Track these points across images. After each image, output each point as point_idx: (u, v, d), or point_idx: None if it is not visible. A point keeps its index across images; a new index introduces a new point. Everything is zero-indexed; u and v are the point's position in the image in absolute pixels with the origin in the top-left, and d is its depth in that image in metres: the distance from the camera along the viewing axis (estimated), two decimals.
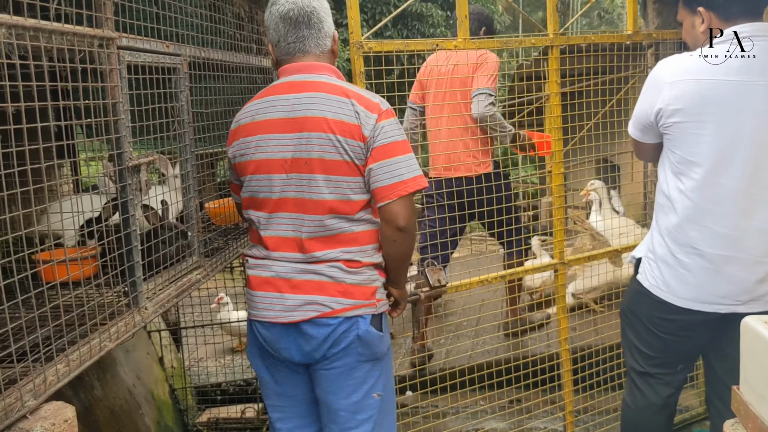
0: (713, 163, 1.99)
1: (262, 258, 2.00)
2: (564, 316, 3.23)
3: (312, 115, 1.88)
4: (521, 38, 3.19)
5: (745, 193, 2.00)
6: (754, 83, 1.96)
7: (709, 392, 2.39)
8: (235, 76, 2.85)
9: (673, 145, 2.07)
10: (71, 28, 1.62)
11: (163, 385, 3.70)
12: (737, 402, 1.65)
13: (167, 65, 2.19)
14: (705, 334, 2.21)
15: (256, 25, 3.19)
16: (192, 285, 2.28)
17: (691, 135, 2.00)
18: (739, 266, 2.05)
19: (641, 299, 2.27)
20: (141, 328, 1.95)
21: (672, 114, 2.02)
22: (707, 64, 1.99)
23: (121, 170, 1.86)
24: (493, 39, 3.18)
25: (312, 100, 1.90)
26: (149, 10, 2.09)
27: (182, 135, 2.29)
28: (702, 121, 1.98)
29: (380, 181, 1.88)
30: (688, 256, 2.09)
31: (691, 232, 2.07)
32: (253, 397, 4.10)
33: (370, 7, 12.22)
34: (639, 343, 2.33)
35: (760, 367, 1.57)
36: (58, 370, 1.53)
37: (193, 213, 2.35)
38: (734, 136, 1.97)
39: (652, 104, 2.07)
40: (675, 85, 2.00)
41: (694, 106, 1.98)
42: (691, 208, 2.06)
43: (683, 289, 2.12)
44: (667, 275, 2.16)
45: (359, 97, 1.91)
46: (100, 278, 1.85)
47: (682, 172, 2.07)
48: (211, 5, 2.62)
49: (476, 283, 3.02)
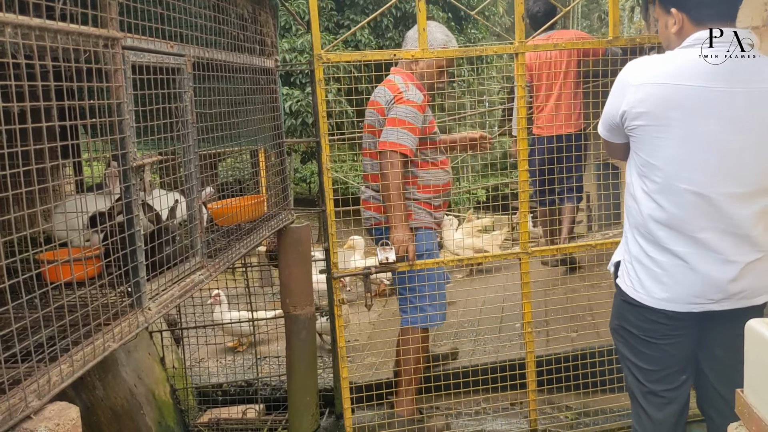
0: (675, 167, 1.99)
1: None
2: (528, 301, 3.31)
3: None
4: (484, 47, 3.28)
5: (705, 197, 1.98)
6: (720, 89, 1.94)
7: (700, 399, 2.33)
8: (238, 77, 2.85)
9: (637, 147, 2.08)
10: (76, 28, 1.62)
11: (164, 386, 3.69)
12: (741, 405, 1.65)
13: (171, 65, 2.19)
14: (693, 332, 2.18)
15: (259, 26, 3.19)
16: (195, 285, 2.27)
17: (654, 138, 2.00)
18: (712, 265, 2.03)
19: (624, 308, 2.24)
20: (144, 328, 1.95)
21: (636, 117, 2.01)
22: (674, 67, 1.98)
23: (125, 170, 1.86)
24: (455, 49, 3.25)
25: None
26: (153, 11, 2.08)
27: (186, 135, 2.29)
28: (665, 125, 1.97)
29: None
30: (661, 254, 2.08)
31: (658, 232, 2.07)
32: (254, 397, 4.09)
33: (372, 9, 12.22)
34: (635, 357, 2.26)
35: (764, 370, 1.57)
36: (62, 370, 1.53)
37: (196, 214, 2.35)
38: (697, 142, 1.96)
39: (617, 106, 2.07)
40: (640, 88, 1.99)
41: (658, 110, 1.97)
42: (656, 209, 2.05)
43: (656, 288, 2.10)
44: (642, 275, 2.14)
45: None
46: (104, 278, 1.84)
47: (645, 175, 2.07)
48: (215, 6, 2.62)
49: (431, 264, 3.18)
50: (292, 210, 3.63)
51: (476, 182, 11.09)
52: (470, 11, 3.66)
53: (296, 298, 3.44)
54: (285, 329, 3.55)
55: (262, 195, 3.42)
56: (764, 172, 1.99)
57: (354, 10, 12.22)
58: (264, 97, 3.23)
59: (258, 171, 3.85)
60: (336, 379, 3.78)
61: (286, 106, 11.04)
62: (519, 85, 3.11)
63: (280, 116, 3.44)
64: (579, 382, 3.53)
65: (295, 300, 3.44)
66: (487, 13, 14.98)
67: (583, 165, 4.39)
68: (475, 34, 14.32)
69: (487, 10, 14.79)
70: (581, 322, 4.04)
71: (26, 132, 1.41)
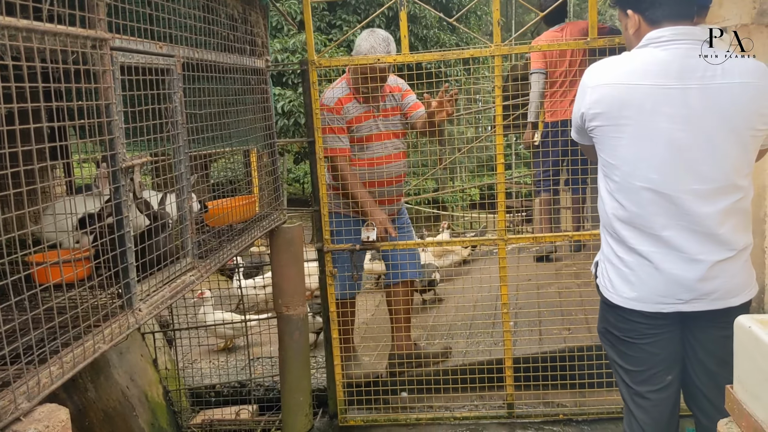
0: (630, 166, 2.01)
1: None
2: (504, 284, 3.50)
3: None
4: (461, 50, 3.42)
5: (666, 196, 1.98)
6: (670, 86, 1.94)
7: (687, 397, 2.31)
8: (228, 77, 2.85)
9: (598, 147, 2.12)
10: (64, 29, 1.61)
11: (157, 387, 3.69)
12: (731, 401, 1.65)
13: (161, 66, 2.18)
14: (674, 333, 2.16)
15: (250, 26, 3.18)
16: (186, 286, 2.27)
17: (611, 138, 2.03)
18: (676, 264, 2.02)
19: (604, 309, 2.26)
20: (135, 329, 1.94)
21: (593, 118, 2.06)
22: (628, 68, 2.01)
23: (114, 171, 1.86)
24: (434, 52, 3.52)
25: None
26: (142, 11, 2.08)
27: (176, 136, 2.29)
28: (620, 125, 2.00)
29: None
30: (627, 254, 2.09)
31: (622, 232, 2.08)
32: (247, 398, 4.09)
33: (364, 8, 12.23)
34: (620, 359, 2.26)
35: (753, 366, 1.57)
36: (51, 372, 1.52)
37: (186, 215, 2.35)
38: (650, 140, 1.97)
39: (578, 108, 2.11)
40: (596, 89, 2.04)
41: (612, 111, 2.00)
42: (618, 209, 2.08)
43: (624, 288, 2.11)
44: (612, 274, 2.16)
45: None
46: (94, 280, 1.84)
47: (607, 174, 2.11)
48: (205, 6, 2.61)
49: (413, 245, 3.74)
50: (284, 210, 3.63)
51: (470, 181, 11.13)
52: (449, 19, 3.80)
53: (289, 298, 3.44)
54: (278, 330, 3.55)
55: (254, 195, 3.42)
56: (724, 168, 1.97)
57: (346, 9, 12.23)
58: (255, 98, 3.23)
59: (250, 171, 3.85)
60: (330, 378, 3.79)
61: (279, 107, 11.03)
62: (496, 85, 3.32)
63: (272, 116, 3.44)
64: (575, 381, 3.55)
65: (287, 300, 3.44)
66: (479, 12, 15.00)
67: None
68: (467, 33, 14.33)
69: (479, 9, 14.81)
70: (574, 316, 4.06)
71: (14, 133, 1.41)
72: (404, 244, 3.66)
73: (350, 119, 3.61)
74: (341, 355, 3.71)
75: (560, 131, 4.80)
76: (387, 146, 3.70)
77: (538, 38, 5.18)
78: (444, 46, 13.19)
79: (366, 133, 3.64)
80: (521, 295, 4.57)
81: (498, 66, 3.29)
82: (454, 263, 5.69)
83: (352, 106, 3.62)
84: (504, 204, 3.45)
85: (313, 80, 3.42)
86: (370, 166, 3.62)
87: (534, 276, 4.76)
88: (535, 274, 4.81)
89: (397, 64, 3.45)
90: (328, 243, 3.59)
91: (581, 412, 3.52)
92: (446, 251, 5.65)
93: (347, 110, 3.60)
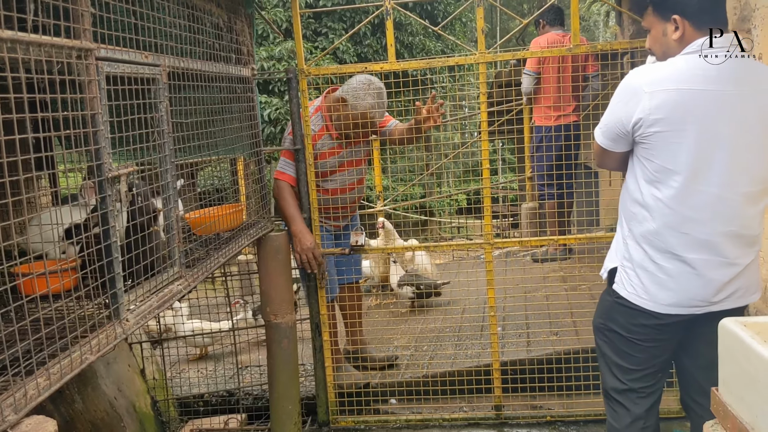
0: (693, 170, 2.03)
1: None
2: (491, 287, 3.52)
3: None
4: (447, 58, 3.51)
5: (723, 198, 2.04)
6: (728, 92, 2.01)
7: (684, 395, 2.40)
8: (214, 86, 2.85)
9: (650, 154, 2.08)
10: (49, 40, 1.61)
11: (144, 397, 3.66)
12: (716, 403, 1.67)
13: (146, 75, 2.18)
14: (677, 335, 2.25)
15: (235, 34, 3.19)
16: (173, 296, 2.26)
17: (672, 144, 2.03)
18: (717, 269, 2.10)
19: (618, 309, 2.27)
20: (122, 340, 1.94)
21: (653, 123, 2.02)
22: (685, 73, 2.02)
23: (100, 181, 1.85)
24: (419, 60, 3.75)
25: None
26: (128, 21, 2.08)
27: (162, 145, 2.28)
28: (683, 129, 2.01)
29: None
30: (669, 262, 2.11)
31: (670, 239, 2.10)
32: (236, 407, 4.07)
33: (349, 16, 12.26)
34: (618, 357, 2.31)
35: (738, 369, 1.59)
36: (38, 383, 1.51)
37: (173, 224, 2.34)
38: (712, 144, 2.01)
39: (629, 113, 2.06)
40: (655, 94, 2.01)
41: (675, 115, 2.00)
42: (669, 215, 2.08)
43: (664, 294, 2.14)
44: (646, 282, 2.16)
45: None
46: (81, 290, 1.83)
47: (659, 181, 2.08)
48: (190, 15, 2.62)
49: (401, 249, 4.10)
50: (271, 218, 3.63)
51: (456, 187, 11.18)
52: (435, 28, 3.85)
53: (277, 306, 3.44)
54: (266, 338, 3.54)
55: (241, 203, 3.42)
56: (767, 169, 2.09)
57: (332, 17, 12.25)
58: (241, 106, 3.23)
59: (236, 180, 3.85)
60: (319, 386, 3.78)
61: (265, 114, 11.02)
62: (481, 92, 3.41)
63: (258, 125, 3.44)
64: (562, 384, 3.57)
65: (275, 308, 3.43)
66: (464, 19, 15.07)
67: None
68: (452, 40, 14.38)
69: (464, 16, 14.88)
70: (561, 320, 4.08)
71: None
72: (392, 248, 3.84)
73: (316, 155, 3.57)
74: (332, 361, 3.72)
75: (554, 136, 4.89)
76: (352, 173, 3.73)
77: (538, 38, 5.23)
78: (429, 53, 13.23)
79: (330, 168, 3.64)
80: (509, 300, 4.59)
81: (483, 73, 3.34)
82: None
83: (322, 142, 3.60)
84: (490, 209, 3.48)
85: (303, 88, 3.49)
86: (333, 194, 3.68)
87: (522, 281, 4.78)
88: (522, 278, 4.84)
89: (383, 72, 3.47)
90: (318, 248, 3.61)
91: (569, 414, 3.54)
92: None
93: (317, 147, 3.58)
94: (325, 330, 3.72)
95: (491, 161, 6.76)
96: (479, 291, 4.54)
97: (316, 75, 3.55)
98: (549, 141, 5.00)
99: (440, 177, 9.32)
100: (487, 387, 3.62)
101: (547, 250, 5.28)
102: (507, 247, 4.82)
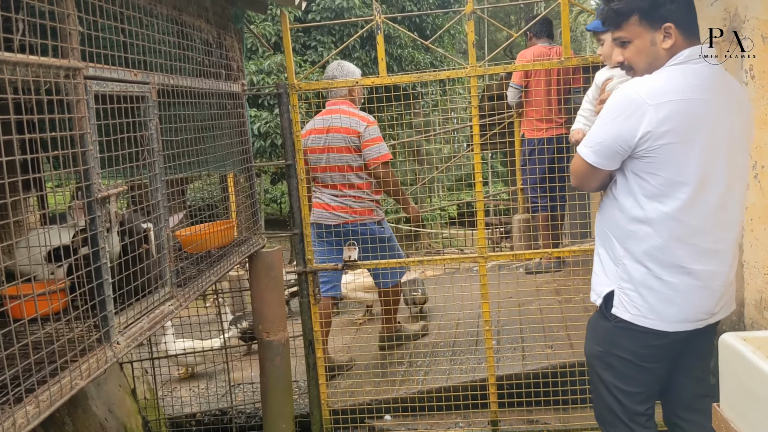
0: (701, 180, 2.01)
1: None
2: (486, 301, 3.54)
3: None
4: (438, 72, 3.51)
5: (723, 206, 2.06)
6: (720, 101, 2.03)
7: (670, 414, 2.36)
8: (204, 103, 2.83)
9: (654, 168, 2.01)
10: (36, 60, 1.59)
11: (136, 418, 3.61)
12: (718, 419, 1.65)
13: (136, 93, 2.15)
14: (675, 353, 2.22)
15: (225, 50, 3.17)
16: (165, 316, 2.23)
17: (679, 155, 1.99)
18: (719, 278, 2.10)
19: (621, 334, 2.18)
20: (113, 363, 1.90)
21: (661, 136, 1.98)
22: (684, 84, 2.00)
23: (89, 202, 1.82)
24: (411, 74, 3.84)
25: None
26: (116, 39, 2.05)
27: (152, 164, 2.25)
28: (691, 140, 1.98)
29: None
30: (675, 276, 2.07)
31: (677, 252, 2.06)
32: (228, 426, 4.02)
33: (338, 29, 12.28)
34: (623, 383, 2.22)
35: (740, 384, 1.57)
36: (27, 411, 1.47)
37: (164, 243, 2.31)
38: (714, 153, 2.02)
39: (633, 128, 1.99)
40: (661, 106, 1.96)
41: (683, 126, 1.97)
42: (676, 228, 2.04)
43: (671, 311, 2.09)
44: (652, 300, 2.10)
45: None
46: (70, 313, 1.79)
47: (664, 194, 2.03)
48: (179, 32, 2.59)
49: (394, 263, 3.77)
50: (263, 234, 3.59)
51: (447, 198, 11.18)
52: (425, 42, 3.88)
53: (269, 324, 3.40)
54: (258, 356, 3.50)
55: (232, 220, 3.39)
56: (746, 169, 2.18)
57: (320, 31, 12.27)
58: (231, 122, 3.20)
59: (227, 196, 3.82)
60: (313, 404, 3.74)
61: (255, 128, 11.00)
62: (473, 105, 3.43)
63: (249, 140, 3.42)
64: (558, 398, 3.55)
65: (268, 326, 3.40)
66: (452, 31, 15.13)
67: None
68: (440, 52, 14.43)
69: (452, 28, 14.94)
70: (555, 333, 4.05)
71: None
72: (386, 263, 3.76)
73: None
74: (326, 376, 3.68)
75: (546, 149, 4.91)
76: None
77: (524, 51, 5.22)
78: (419, 65, 13.27)
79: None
80: (503, 313, 4.57)
81: (474, 86, 3.35)
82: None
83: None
84: (483, 221, 3.47)
85: (293, 103, 3.52)
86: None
87: (515, 293, 4.76)
88: (516, 291, 4.82)
89: (375, 86, 3.48)
90: (311, 263, 3.62)
91: (565, 428, 3.51)
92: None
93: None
94: (319, 347, 3.68)
95: (474, 174, 6.79)
96: (473, 305, 4.52)
97: (306, 90, 3.58)
98: (539, 153, 5.00)
99: (431, 189, 9.32)
100: (483, 402, 3.59)
101: (541, 262, 5.26)
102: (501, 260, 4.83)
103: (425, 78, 3.46)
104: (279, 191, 15.70)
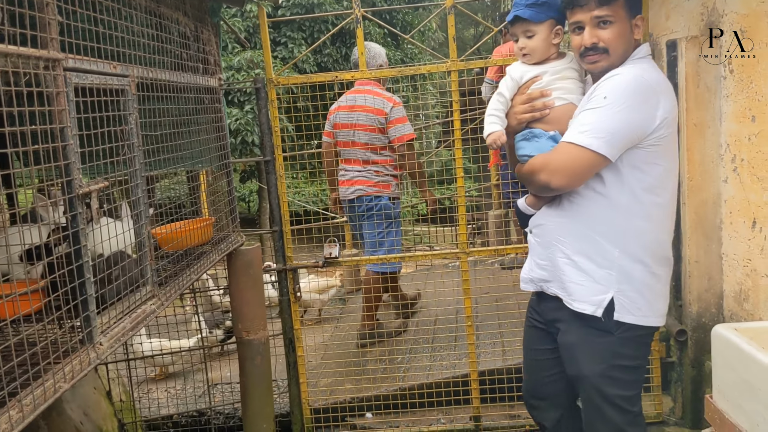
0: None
1: None
2: (468, 297, 3.57)
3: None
4: (418, 66, 3.56)
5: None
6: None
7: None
8: (182, 97, 2.76)
9: (656, 157, 1.98)
10: (14, 50, 1.52)
11: (112, 421, 3.53)
12: (711, 411, 1.64)
13: (115, 87, 2.09)
14: None
15: (202, 44, 3.10)
16: (147, 316, 2.17)
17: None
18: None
19: (621, 343, 2.06)
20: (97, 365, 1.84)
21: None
22: (663, 75, 2.09)
23: (71, 198, 1.76)
24: (391, 69, 3.79)
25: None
26: (95, 30, 1.99)
27: (132, 159, 2.19)
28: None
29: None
30: (663, 268, 2.10)
31: (666, 242, 2.12)
32: (206, 427, 3.95)
33: (309, 25, 12.20)
34: (628, 390, 2.11)
35: (734, 375, 1.57)
36: (11, 416, 1.41)
37: (145, 241, 2.25)
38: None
39: (651, 115, 1.93)
40: (667, 93, 2.01)
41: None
42: (666, 218, 2.10)
43: (661, 305, 2.11)
44: (649, 297, 2.04)
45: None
46: (51, 314, 1.73)
47: (660, 185, 2.01)
48: (157, 24, 2.53)
49: (375, 260, 3.87)
50: (241, 232, 3.53)
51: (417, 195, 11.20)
52: (404, 34, 3.85)
53: (249, 322, 3.34)
54: (238, 355, 3.44)
55: (210, 217, 3.32)
56: None
57: (290, 26, 12.17)
58: (209, 117, 3.14)
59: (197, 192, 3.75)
60: (293, 403, 3.70)
61: None
62: (454, 100, 3.40)
63: (226, 136, 3.36)
64: None
65: (247, 325, 3.34)
66: (422, 29, 15.15)
67: None
68: (411, 49, 14.45)
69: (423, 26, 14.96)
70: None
71: None
72: (367, 260, 3.90)
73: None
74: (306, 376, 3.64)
75: None
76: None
77: (499, 48, 5.22)
78: (390, 62, 13.26)
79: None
80: (480, 308, 4.57)
81: (455, 81, 3.33)
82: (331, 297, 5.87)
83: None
84: (465, 217, 3.47)
85: (272, 98, 3.48)
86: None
87: (493, 288, 4.77)
88: (494, 286, 4.83)
89: (355, 80, 3.47)
90: (291, 261, 3.59)
91: None
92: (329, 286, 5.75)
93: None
94: (299, 345, 3.64)
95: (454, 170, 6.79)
96: (450, 300, 4.51)
97: (285, 84, 3.56)
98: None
99: (406, 186, 9.31)
100: (465, 398, 3.58)
101: (517, 257, 5.28)
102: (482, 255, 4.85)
103: (406, 72, 3.48)
104: (247, 189, 15.52)
